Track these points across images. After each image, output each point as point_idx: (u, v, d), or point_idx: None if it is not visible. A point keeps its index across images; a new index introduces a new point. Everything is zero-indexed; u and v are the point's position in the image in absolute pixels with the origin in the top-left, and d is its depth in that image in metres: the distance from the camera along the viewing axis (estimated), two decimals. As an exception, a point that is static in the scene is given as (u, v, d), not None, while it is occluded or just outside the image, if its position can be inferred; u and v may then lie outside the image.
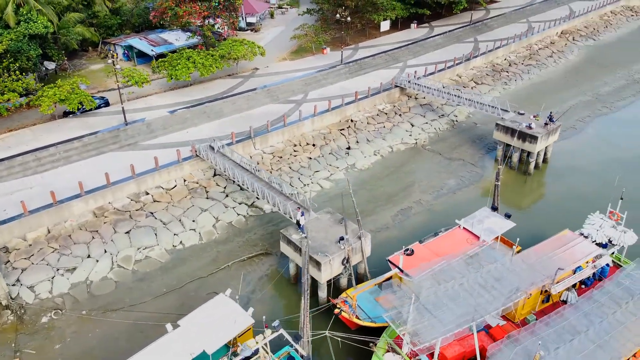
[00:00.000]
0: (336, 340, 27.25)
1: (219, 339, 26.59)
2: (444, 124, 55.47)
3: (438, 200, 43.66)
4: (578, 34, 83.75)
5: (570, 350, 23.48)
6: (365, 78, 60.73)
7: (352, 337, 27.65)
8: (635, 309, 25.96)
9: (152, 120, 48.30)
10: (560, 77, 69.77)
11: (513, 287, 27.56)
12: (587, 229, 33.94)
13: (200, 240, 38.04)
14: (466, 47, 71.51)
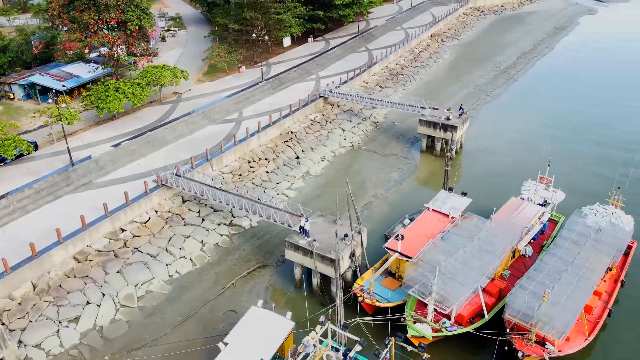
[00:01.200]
0: (366, 325, 30.52)
1: (271, 346, 28.56)
2: (368, 126, 61.34)
3: (390, 192, 49.06)
4: (444, 35, 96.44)
5: (562, 285, 29.89)
6: (287, 92, 64.28)
7: (381, 318, 31.32)
8: (592, 247, 33.50)
9: (99, 157, 46.56)
10: (443, 74, 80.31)
11: (500, 248, 33.68)
12: (526, 194, 41.66)
13: (194, 266, 38.49)
14: (361, 56, 78.76)
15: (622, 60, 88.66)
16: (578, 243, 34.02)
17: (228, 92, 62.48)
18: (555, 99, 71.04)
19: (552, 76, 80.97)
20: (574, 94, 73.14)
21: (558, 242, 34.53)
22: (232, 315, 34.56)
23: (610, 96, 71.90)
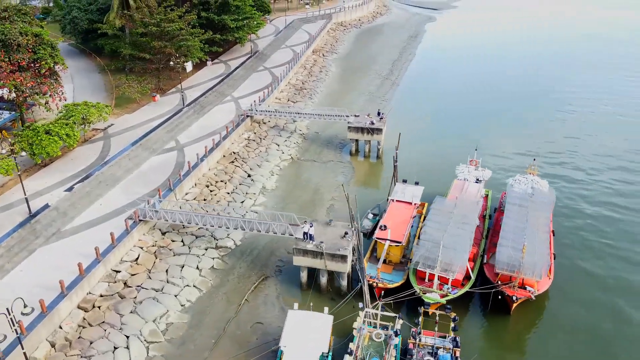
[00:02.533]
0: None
1: (324, 339, 31.90)
2: (297, 138, 65.70)
3: (343, 193, 54.07)
4: (324, 50, 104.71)
5: (530, 239, 37.79)
6: (211, 115, 65.63)
7: (398, 296, 36.36)
8: (534, 208, 42.37)
9: (57, 204, 43.80)
10: (338, 85, 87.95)
11: (473, 220, 40.94)
12: (462, 175, 50.08)
13: (201, 292, 39.19)
14: (263, 75, 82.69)
15: (471, 55, 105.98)
16: (523, 206, 42.80)
17: (154, 122, 61.80)
18: (438, 94, 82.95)
19: (425, 76, 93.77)
20: (450, 88, 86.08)
21: (508, 208, 42.90)
22: (259, 326, 36.53)
23: (479, 86, 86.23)
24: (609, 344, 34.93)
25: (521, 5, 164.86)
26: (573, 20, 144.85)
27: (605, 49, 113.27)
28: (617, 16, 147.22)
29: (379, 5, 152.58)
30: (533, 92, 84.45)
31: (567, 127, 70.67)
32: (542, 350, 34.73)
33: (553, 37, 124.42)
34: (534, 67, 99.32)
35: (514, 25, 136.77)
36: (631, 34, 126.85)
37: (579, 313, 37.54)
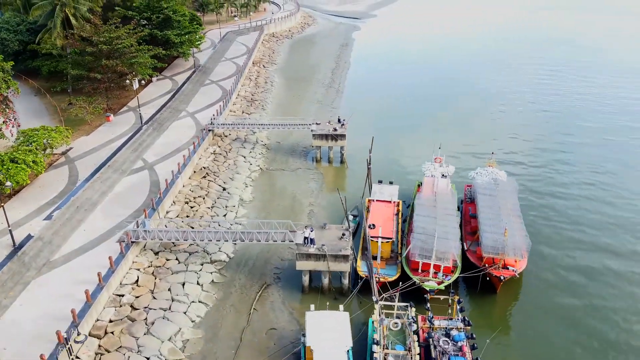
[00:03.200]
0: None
1: (346, 335, 33.81)
2: (261, 149, 66.82)
3: (318, 198, 56.25)
4: (263, 62, 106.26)
5: (508, 223, 42.02)
6: (171, 131, 64.95)
7: (404, 288, 39.10)
8: (502, 196, 46.91)
9: (39, 233, 41.95)
10: (285, 95, 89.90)
11: (453, 211, 44.76)
12: (428, 172, 53.96)
13: (208, 306, 39.43)
14: (211, 88, 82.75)
15: (401, 59, 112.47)
16: (492, 195, 47.33)
17: (115, 142, 60.25)
18: (383, 99, 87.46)
19: (365, 83, 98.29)
20: (392, 92, 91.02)
21: (480, 198, 47.20)
22: (274, 332, 37.62)
23: (416, 89, 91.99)
24: (577, 309, 39.89)
25: (436, 12, 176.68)
26: (484, 24, 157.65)
27: (516, 49, 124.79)
28: (526, 18, 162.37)
29: (305, 16, 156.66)
30: (465, 92, 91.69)
31: (502, 123, 77.75)
32: (530, 321, 38.83)
33: (469, 40, 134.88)
34: (458, 68, 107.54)
35: (434, 30, 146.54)
36: (542, 33, 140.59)
37: (551, 287, 42.35)
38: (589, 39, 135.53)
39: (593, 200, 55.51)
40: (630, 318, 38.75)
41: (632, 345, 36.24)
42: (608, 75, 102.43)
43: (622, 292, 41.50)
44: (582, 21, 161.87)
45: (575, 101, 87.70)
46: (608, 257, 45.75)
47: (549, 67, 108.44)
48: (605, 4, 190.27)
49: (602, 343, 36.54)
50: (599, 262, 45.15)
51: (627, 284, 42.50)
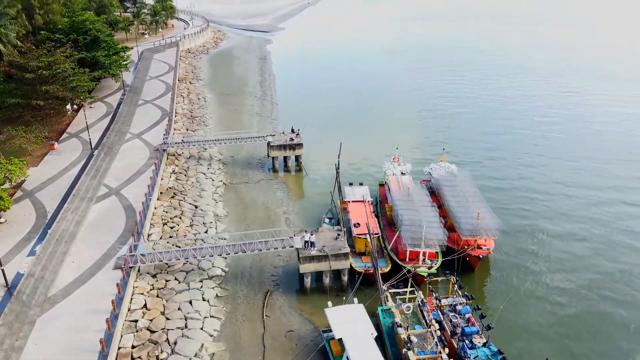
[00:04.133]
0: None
1: (367, 324, 36.82)
2: (218, 164, 67.24)
3: (291, 206, 58.37)
4: (189, 78, 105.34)
5: (477, 207, 47.54)
6: (124, 154, 63.05)
7: (401, 277, 42.80)
8: (462, 185, 52.61)
9: (28, 270, 39.66)
10: (222, 109, 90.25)
11: (429, 202, 49.45)
12: (389, 171, 58.61)
13: (221, 320, 40.03)
14: (147, 108, 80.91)
15: (319, 69, 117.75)
16: (453, 186, 52.90)
17: (70, 170, 57.57)
18: (318, 107, 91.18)
19: (296, 92, 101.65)
20: (324, 101, 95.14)
21: (445, 189, 52.50)
22: (292, 334, 39.37)
23: (343, 94, 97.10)
24: (542, 272, 46.43)
25: (336, 24, 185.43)
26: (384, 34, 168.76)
27: (424, 55, 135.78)
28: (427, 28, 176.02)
29: (214, 31, 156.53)
30: (390, 96, 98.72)
31: (434, 122, 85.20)
32: (508, 290, 44.46)
33: (371, 47, 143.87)
34: (375, 74, 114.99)
35: (339, 39, 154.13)
36: (448, 41, 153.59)
37: (516, 257, 48.60)
38: (490, 45, 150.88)
39: (526, 180, 63.83)
40: (579, 268, 46.00)
41: (580, 288, 43.18)
42: (512, 77, 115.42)
43: (570, 252, 48.96)
44: (480, 29, 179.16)
45: (488, 101, 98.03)
46: (551, 224, 53.37)
47: (452, 72, 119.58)
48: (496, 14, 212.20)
49: (564, 295, 43.24)
50: (548, 231, 52.48)
51: (573, 242, 50.10)
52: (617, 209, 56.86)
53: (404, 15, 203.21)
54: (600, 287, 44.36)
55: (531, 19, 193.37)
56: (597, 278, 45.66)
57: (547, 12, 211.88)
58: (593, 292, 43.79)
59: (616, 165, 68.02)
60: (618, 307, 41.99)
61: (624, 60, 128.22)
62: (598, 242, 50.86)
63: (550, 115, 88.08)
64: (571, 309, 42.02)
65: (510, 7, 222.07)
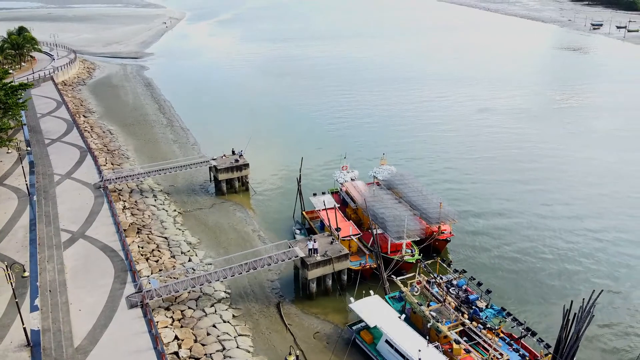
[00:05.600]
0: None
1: (389, 310, 41.89)
2: (162, 195, 65.96)
3: (256, 223, 60.44)
4: (80, 112, 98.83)
5: (427, 195, 55.21)
6: (65, 196, 59.16)
7: (394, 267, 48.37)
8: (411, 183, 60.04)
9: (41, 326, 36.77)
10: (135, 140, 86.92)
11: (395, 201, 55.77)
12: (341, 179, 64.05)
13: (249, 336, 41.29)
14: (58, 146, 75.34)
15: (213, 89, 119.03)
16: (405, 183, 60.18)
17: (18, 219, 53.38)
18: (230, 128, 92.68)
19: (200, 116, 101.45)
20: (231, 117, 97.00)
21: (401, 187, 59.39)
22: (320, 334, 42.57)
23: (251, 112, 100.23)
24: (492, 242, 55.92)
25: (200, 45, 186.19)
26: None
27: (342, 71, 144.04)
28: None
29: (83, 61, 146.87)
30: (292, 113, 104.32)
31: (347, 133, 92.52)
32: (476, 259, 52.71)
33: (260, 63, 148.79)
34: (267, 93, 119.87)
35: (221, 62, 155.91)
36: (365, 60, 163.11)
37: (467, 237, 57.42)
38: (366, 60, 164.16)
39: (446, 172, 74.05)
40: (511, 237, 56.44)
41: (516, 250, 53.50)
42: (399, 87, 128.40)
43: (514, 223, 59.36)
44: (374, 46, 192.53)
45: (382, 111, 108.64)
46: (474, 207, 63.63)
47: (335, 88, 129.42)
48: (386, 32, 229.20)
49: (507, 258, 53.00)
50: (474, 211, 62.41)
51: (513, 217, 60.68)
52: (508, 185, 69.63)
53: (270, 37, 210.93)
54: (530, 248, 55.09)
55: (398, 33, 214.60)
56: (526, 243, 56.35)
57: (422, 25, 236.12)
58: (525, 253, 54.20)
59: (482, 145, 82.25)
60: (543, 261, 52.85)
61: (482, 66, 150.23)
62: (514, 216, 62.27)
63: (436, 116, 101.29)
64: (513, 265, 51.83)
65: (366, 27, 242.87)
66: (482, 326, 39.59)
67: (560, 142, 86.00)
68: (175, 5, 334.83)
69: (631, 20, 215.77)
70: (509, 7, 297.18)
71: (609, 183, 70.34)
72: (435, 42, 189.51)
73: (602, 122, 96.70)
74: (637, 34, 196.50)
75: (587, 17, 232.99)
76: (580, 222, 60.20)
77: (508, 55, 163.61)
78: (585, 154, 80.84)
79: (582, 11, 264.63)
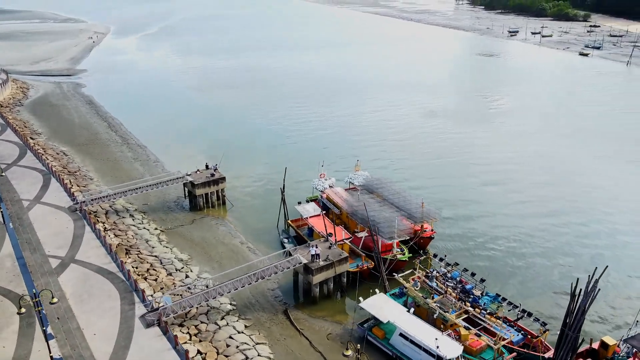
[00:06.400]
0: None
1: (398, 305, 44.69)
2: (139, 214, 64.63)
3: (243, 236, 61.14)
4: (27, 134, 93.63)
5: (407, 196, 58.72)
6: (40, 220, 56.69)
7: (389, 266, 51.14)
8: (388, 186, 63.29)
9: (63, 354, 35.38)
10: (95, 161, 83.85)
11: (378, 204, 58.62)
12: (320, 187, 66.18)
13: (267, 344, 42.24)
14: (16, 171, 71.34)
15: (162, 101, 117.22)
16: (383, 187, 63.24)
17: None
18: (188, 143, 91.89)
19: (153, 133, 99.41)
20: (185, 132, 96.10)
21: (380, 190, 62.37)
22: (332, 335, 44.54)
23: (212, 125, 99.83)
24: (469, 233, 60.39)
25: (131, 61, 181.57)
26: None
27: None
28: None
29: (15, 80, 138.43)
30: (248, 126, 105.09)
31: (310, 143, 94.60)
32: (458, 250, 56.63)
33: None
34: (219, 107, 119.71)
35: (160, 77, 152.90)
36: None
37: (445, 229, 61.49)
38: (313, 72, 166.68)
39: (418, 174, 78.28)
40: (481, 230, 61.43)
41: (489, 240, 58.46)
42: (350, 96, 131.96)
43: (486, 215, 64.21)
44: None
45: (337, 120, 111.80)
46: (458, 203, 68.23)
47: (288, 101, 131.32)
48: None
49: (483, 248, 57.73)
50: (458, 206, 66.96)
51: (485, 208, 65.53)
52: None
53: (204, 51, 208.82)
54: (499, 238, 60.23)
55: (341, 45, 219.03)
56: (497, 234, 61.41)
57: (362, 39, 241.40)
58: (496, 242, 59.33)
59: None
60: (514, 248, 58.17)
61: (412, 73, 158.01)
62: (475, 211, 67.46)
63: (385, 122, 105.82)
64: (489, 253, 56.60)
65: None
66: (484, 312, 43.20)
67: (502, 141, 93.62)
68: (96, 19, 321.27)
69: (543, 27, 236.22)
70: (430, 17, 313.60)
71: (548, 172, 77.98)
72: (361, 52, 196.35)
73: (532, 121, 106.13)
74: (551, 38, 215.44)
75: (503, 25, 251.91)
76: (543, 210, 66.49)
77: (440, 63, 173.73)
78: (524, 148, 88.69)
79: (496, 19, 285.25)
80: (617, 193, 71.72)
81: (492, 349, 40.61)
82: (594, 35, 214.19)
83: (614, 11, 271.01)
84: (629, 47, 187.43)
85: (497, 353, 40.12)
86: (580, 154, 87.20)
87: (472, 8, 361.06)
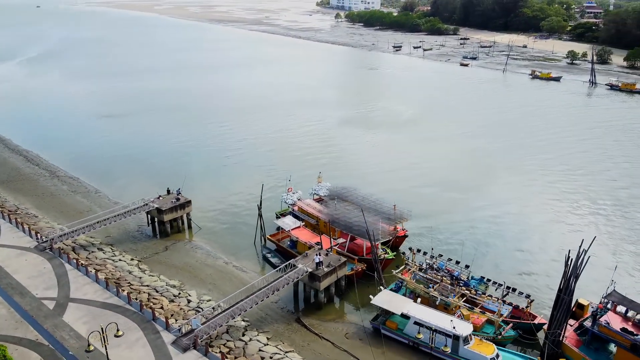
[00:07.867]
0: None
1: (403, 297, 49.47)
2: (107, 247, 61.97)
3: (226, 256, 61.74)
4: None
5: (377, 201, 64.00)
6: (11, 263, 52.31)
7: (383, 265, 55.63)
8: (355, 194, 67.88)
9: None
10: (35, 199, 77.25)
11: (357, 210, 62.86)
12: (289, 200, 68.85)
13: (295, 352, 44.30)
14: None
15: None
16: (351, 195, 67.69)
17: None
18: (121, 169, 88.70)
19: (80, 162, 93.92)
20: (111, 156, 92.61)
21: (351, 198, 66.61)
22: (350, 334, 47.90)
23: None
24: (435, 227, 67.12)
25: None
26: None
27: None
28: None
29: None
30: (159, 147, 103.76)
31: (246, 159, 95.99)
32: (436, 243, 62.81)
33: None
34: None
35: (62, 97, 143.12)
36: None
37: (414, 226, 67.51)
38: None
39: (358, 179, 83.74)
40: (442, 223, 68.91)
41: (455, 232, 66.16)
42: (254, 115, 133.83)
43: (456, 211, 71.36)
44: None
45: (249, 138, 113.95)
46: (416, 204, 74.75)
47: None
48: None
49: (452, 241, 64.97)
50: (418, 207, 73.37)
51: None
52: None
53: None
54: (462, 231, 68.11)
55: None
56: (458, 228, 69.20)
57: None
58: (457, 233, 66.98)
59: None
60: (476, 236, 66.39)
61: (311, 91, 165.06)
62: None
63: (311, 137, 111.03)
64: (459, 245, 63.89)
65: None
66: (479, 293, 49.49)
67: (422, 145, 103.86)
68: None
69: (422, 41, 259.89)
70: (317, 34, 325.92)
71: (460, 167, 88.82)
72: (266, 71, 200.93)
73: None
74: (432, 52, 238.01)
75: (388, 40, 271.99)
76: (480, 202, 75.74)
77: (336, 78, 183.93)
78: (440, 150, 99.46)
79: (378, 35, 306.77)
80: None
81: (491, 324, 47.00)
82: (467, 47, 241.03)
83: (477, 24, 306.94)
84: (500, 56, 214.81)
85: (496, 326, 46.55)
86: (492, 147, 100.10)
87: (352, 25, 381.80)
